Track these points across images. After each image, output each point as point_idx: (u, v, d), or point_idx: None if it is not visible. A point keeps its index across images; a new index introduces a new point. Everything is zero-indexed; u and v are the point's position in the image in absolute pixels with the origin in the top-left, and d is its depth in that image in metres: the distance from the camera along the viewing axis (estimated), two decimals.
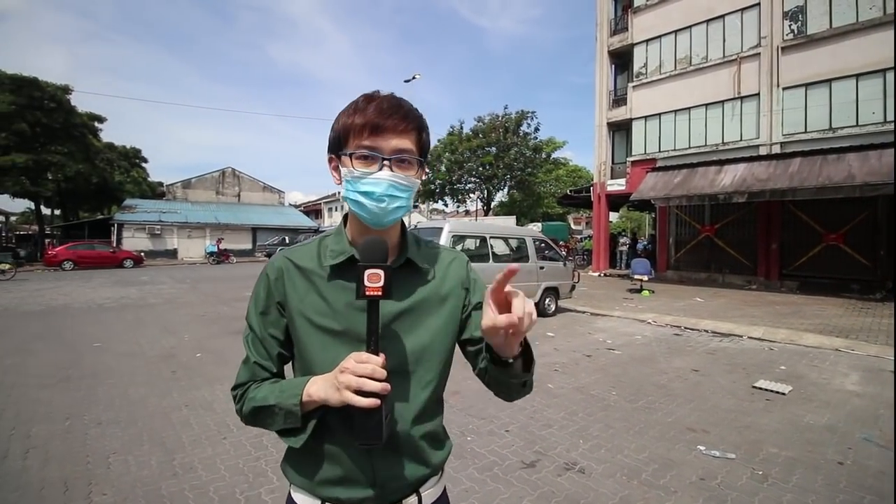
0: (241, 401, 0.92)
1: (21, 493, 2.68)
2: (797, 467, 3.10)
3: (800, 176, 12.21)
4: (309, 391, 0.84)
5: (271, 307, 0.94)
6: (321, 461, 0.91)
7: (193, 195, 36.70)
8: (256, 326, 0.95)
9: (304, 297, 0.92)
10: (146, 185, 38.27)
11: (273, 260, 0.98)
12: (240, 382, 0.94)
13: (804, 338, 7.26)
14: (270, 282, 0.95)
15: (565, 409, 4.20)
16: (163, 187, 39.01)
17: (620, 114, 18.27)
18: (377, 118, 0.86)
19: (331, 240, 0.98)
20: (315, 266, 0.94)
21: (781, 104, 13.88)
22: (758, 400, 4.50)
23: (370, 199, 0.87)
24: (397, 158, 0.88)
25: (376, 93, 0.92)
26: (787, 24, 13.83)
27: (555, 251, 10.01)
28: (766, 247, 14.53)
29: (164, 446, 3.30)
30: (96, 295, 12.03)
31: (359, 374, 0.76)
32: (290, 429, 0.88)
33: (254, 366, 0.94)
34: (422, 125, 0.93)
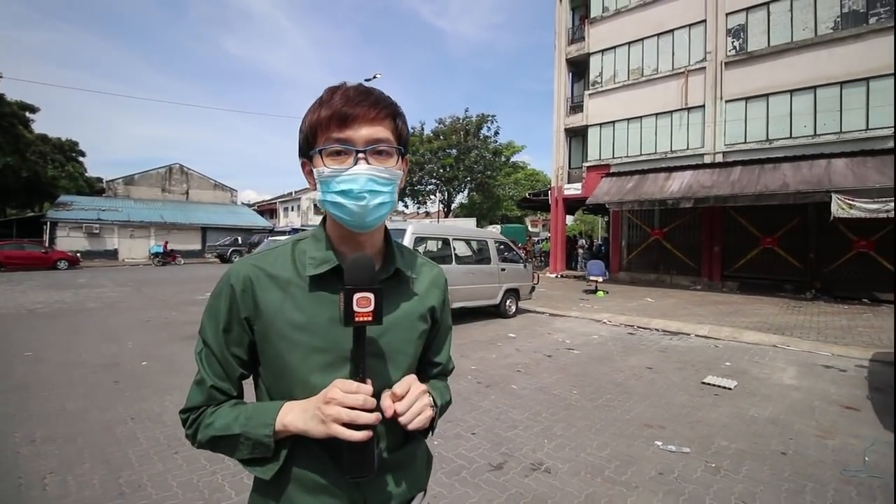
0: (193, 426, 0.83)
1: None
2: (746, 459, 3.29)
3: (740, 183, 13.06)
4: (284, 421, 0.77)
5: (234, 323, 0.83)
6: (299, 491, 0.82)
7: (137, 192, 34.52)
8: (215, 344, 0.84)
9: (280, 310, 0.82)
10: (83, 180, 35.63)
11: (237, 269, 0.85)
12: (191, 406, 0.83)
13: (745, 335, 7.75)
14: (236, 294, 0.83)
15: (529, 409, 4.26)
16: (102, 183, 36.46)
17: (577, 120, 18.87)
18: (344, 107, 0.78)
19: (308, 245, 0.88)
20: (292, 275, 0.84)
21: (724, 116, 14.80)
22: (707, 395, 4.75)
23: (349, 198, 0.78)
24: (373, 149, 0.80)
25: (342, 83, 0.84)
26: (730, 40, 14.78)
27: (515, 253, 10.18)
28: (709, 249, 15.42)
29: (109, 464, 3.06)
30: (26, 299, 11.05)
31: (348, 406, 0.71)
32: (257, 459, 0.80)
33: (210, 389, 0.83)
34: (396, 112, 0.84)
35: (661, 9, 16.26)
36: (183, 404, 0.86)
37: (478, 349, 6.69)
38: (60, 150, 33.26)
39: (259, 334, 0.84)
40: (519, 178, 38.98)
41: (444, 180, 30.38)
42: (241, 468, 0.88)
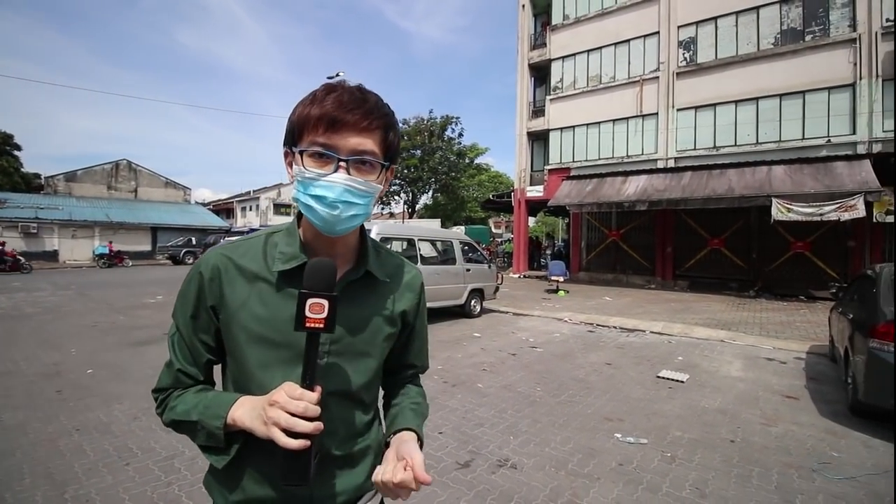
0: (161, 406, 0.86)
1: None
2: (698, 448, 3.48)
3: (690, 188, 13.77)
4: (234, 415, 0.77)
5: (202, 310, 0.84)
6: (251, 480, 0.83)
7: (79, 189, 32.36)
8: (184, 329, 0.86)
9: (245, 302, 0.82)
10: (19, 176, 33.09)
11: (208, 257, 0.86)
12: (161, 387, 0.86)
13: (695, 331, 8.18)
14: (204, 282, 0.84)
15: (495, 407, 4.32)
16: (40, 179, 33.93)
17: (539, 124, 19.31)
18: (335, 111, 0.76)
19: (281, 239, 0.88)
20: (261, 268, 0.84)
21: (675, 123, 15.56)
22: (662, 388, 4.98)
23: (322, 205, 0.78)
24: (356, 160, 0.78)
25: (341, 83, 0.81)
26: (682, 52, 15.56)
27: (479, 253, 10.29)
28: (662, 250, 16.16)
29: (52, 478, 2.86)
30: None
31: (290, 412, 0.69)
32: (212, 447, 0.82)
33: (177, 372, 0.85)
34: (389, 123, 0.83)
35: (618, 19, 16.92)
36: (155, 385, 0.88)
37: (444, 349, 6.71)
38: None
39: (223, 323, 0.84)
40: (483, 180, 39.40)
41: (409, 181, 30.31)
42: (199, 479, 0.86)
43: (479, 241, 19.39)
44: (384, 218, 36.15)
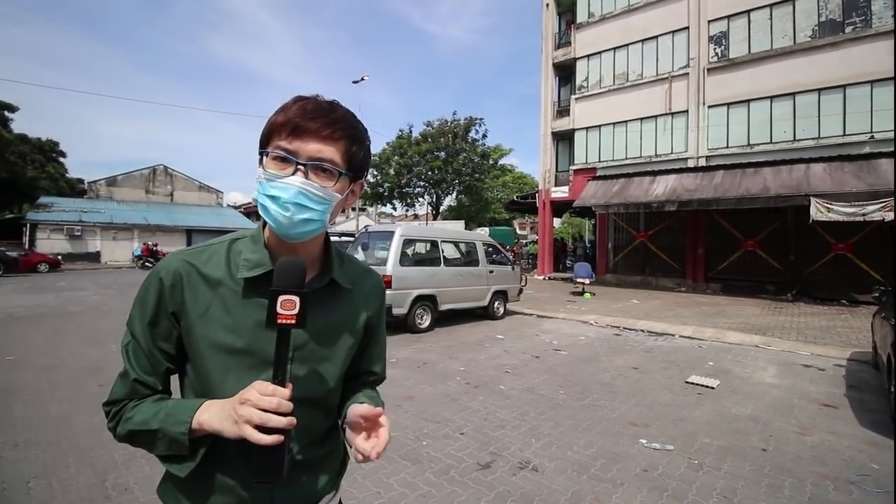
0: (114, 419, 0.82)
1: None
2: (727, 455, 3.38)
3: (722, 187, 13.35)
4: (200, 419, 0.76)
5: (162, 317, 0.83)
6: (211, 488, 0.83)
7: (120, 194, 33.94)
8: (141, 337, 0.83)
9: (207, 310, 0.82)
10: (64, 181, 34.87)
11: (168, 262, 0.85)
12: (114, 399, 0.82)
13: (728, 335, 7.92)
14: (165, 288, 0.83)
15: (517, 409, 4.31)
16: (84, 184, 35.74)
17: (564, 124, 19.10)
18: (298, 119, 0.79)
19: (245, 246, 0.87)
20: (224, 276, 0.84)
21: (707, 121, 15.12)
22: (690, 394, 4.85)
23: (275, 204, 0.78)
24: (314, 165, 0.79)
25: (315, 96, 0.84)
26: (713, 47, 15.11)
27: (503, 255, 10.25)
28: (693, 252, 15.71)
29: (94, 467, 3.03)
30: (7, 302, 10.79)
31: (262, 408, 0.69)
32: (174, 455, 0.80)
33: (134, 382, 0.82)
34: (355, 136, 0.84)
35: (645, 15, 16.57)
36: None
37: (466, 350, 6.73)
38: (40, 151, 32.53)
39: (184, 330, 0.83)
40: (507, 181, 39.22)
41: (433, 183, 30.43)
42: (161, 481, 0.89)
43: (503, 243, 19.34)
44: (408, 220, 36.47)
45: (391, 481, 2.93)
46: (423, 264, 8.41)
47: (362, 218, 33.00)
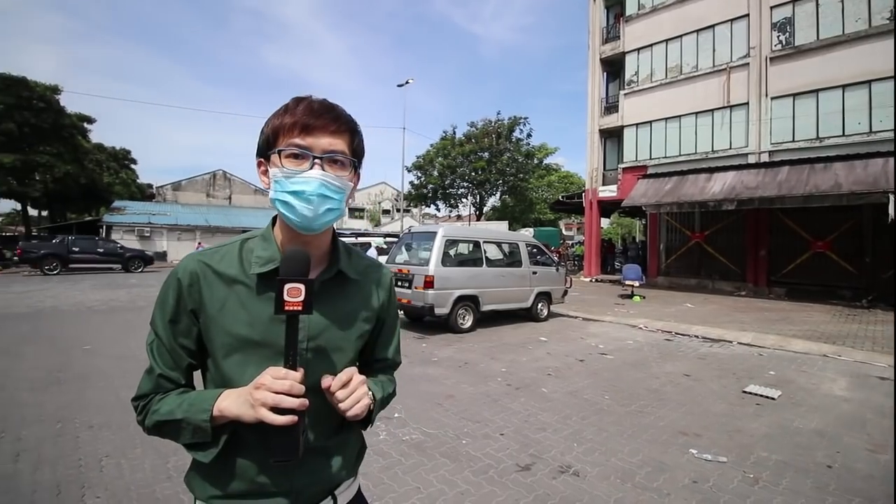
0: (142, 412, 0.87)
1: (13, 497, 2.64)
2: (787, 470, 3.16)
3: (788, 184, 12.44)
4: (220, 406, 0.81)
5: (182, 315, 0.88)
6: (233, 474, 0.87)
7: (183, 197, 36.40)
8: (164, 335, 0.88)
9: (224, 305, 0.87)
10: (135, 186, 37.86)
11: (185, 263, 0.90)
12: (142, 394, 0.88)
13: (792, 343, 7.38)
14: (183, 288, 0.87)
15: (559, 412, 4.23)
16: (152, 189, 38.65)
17: (612, 121, 18.50)
18: (307, 118, 0.84)
19: (257, 244, 0.92)
20: (238, 273, 0.89)
21: (769, 113, 14.15)
22: (748, 404, 4.57)
23: (299, 199, 0.83)
24: (330, 157, 0.85)
25: (308, 96, 0.89)
26: (776, 35, 14.13)
27: (547, 256, 10.08)
28: (754, 254, 14.74)
29: (158, 450, 3.27)
30: (84, 297, 11.86)
31: (275, 391, 0.74)
32: (199, 443, 0.84)
33: (159, 378, 0.87)
34: (354, 128, 0.91)
35: (700, 4, 15.76)
36: None
37: (508, 352, 6.67)
38: (115, 158, 35.46)
39: (203, 326, 0.88)
40: (552, 181, 38.50)
41: (476, 183, 30.38)
42: (188, 469, 0.94)
43: (548, 244, 18.99)
44: (451, 220, 36.64)
45: (430, 477, 2.97)
46: (465, 265, 8.42)
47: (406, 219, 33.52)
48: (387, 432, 3.69)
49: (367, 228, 39.02)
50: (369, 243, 14.87)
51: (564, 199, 22.72)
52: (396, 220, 41.12)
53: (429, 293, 7.59)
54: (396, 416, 4.03)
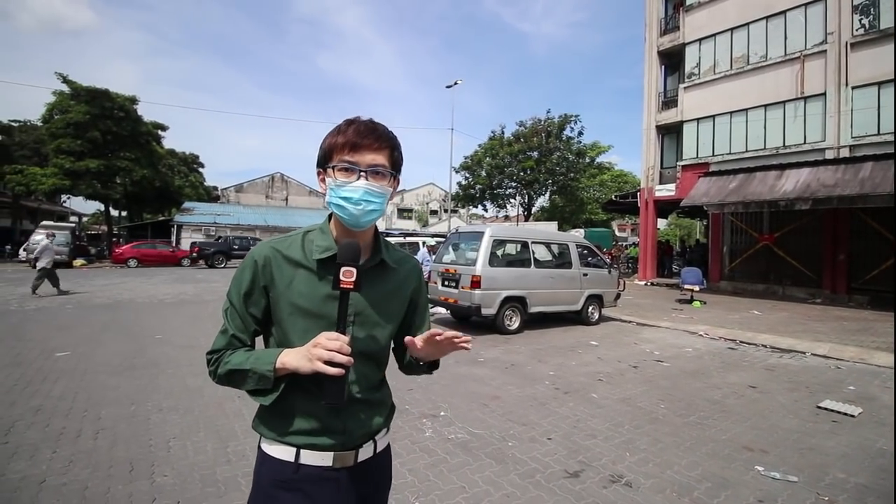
0: (215, 364, 1.07)
1: (92, 471, 2.89)
2: (868, 495, 2.86)
3: (872, 182, 11.30)
4: (283, 360, 1.00)
5: (255, 289, 1.09)
6: (294, 416, 1.07)
7: (245, 199, 38.57)
8: (238, 304, 1.09)
9: (290, 283, 1.08)
10: (202, 189, 40.53)
11: (260, 249, 1.12)
12: (216, 349, 1.08)
13: (876, 357, 6.69)
14: (259, 267, 1.08)
15: (610, 420, 4.07)
16: (217, 191, 41.25)
17: (670, 116, 17.62)
18: (355, 138, 1.05)
19: (316, 236, 1.13)
20: (302, 258, 1.10)
21: (850, 104, 12.93)
22: (823, 421, 4.19)
23: (349, 203, 1.04)
24: (372, 171, 1.06)
25: (357, 118, 1.10)
26: (857, 18, 12.90)
27: (599, 258, 9.74)
28: (832, 258, 13.52)
29: (219, 434, 3.47)
30: (157, 291, 12.84)
31: (330, 349, 0.93)
32: (261, 390, 1.04)
33: (231, 337, 1.09)
34: (394, 144, 1.10)
35: None
36: None
37: (556, 355, 6.51)
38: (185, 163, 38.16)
39: (273, 300, 1.09)
40: (605, 180, 37.22)
41: (525, 183, 29.92)
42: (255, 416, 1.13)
43: (601, 246, 18.35)
44: (499, 221, 36.32)
45: (476, 478, 2.94)
46: (513, 265, 8.31)
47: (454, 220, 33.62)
48: (432, 430, 3.70)
49: (415, 229, 39.52)
50: (417, 243, 15.04)
51: (618, 198, 21.89)
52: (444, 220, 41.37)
53: (475, 293, 7.56)
54: (442, 415, 4.04)
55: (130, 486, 2.74)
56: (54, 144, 23.07)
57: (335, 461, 1.08)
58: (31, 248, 19.81)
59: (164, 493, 2.67)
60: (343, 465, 1.09)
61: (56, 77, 23.15)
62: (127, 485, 2.74)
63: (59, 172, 22.87)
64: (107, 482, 2.77)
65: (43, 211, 36.87)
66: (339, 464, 1.08)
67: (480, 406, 4.32)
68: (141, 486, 2.73)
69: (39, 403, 4.03)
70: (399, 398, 4.37)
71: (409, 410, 4.13)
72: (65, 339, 6.60)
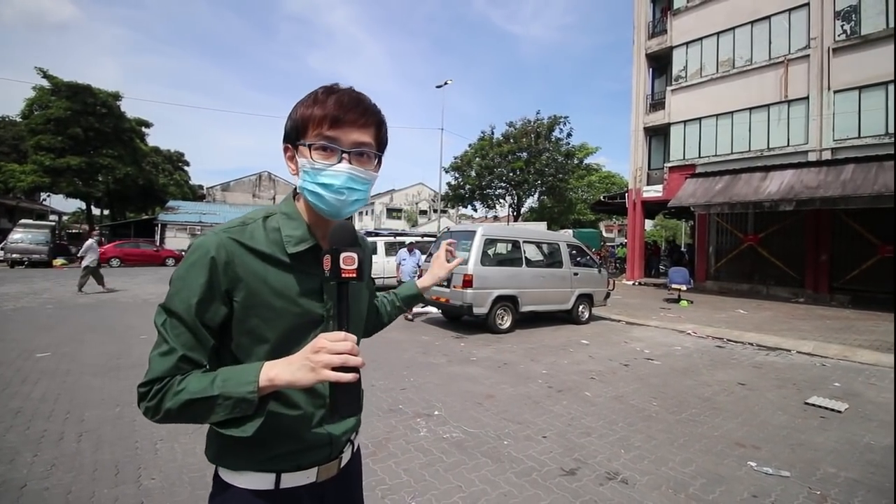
0: (158, 396, 0.79)
1: (75, 474, 2.80)
2: (859, 489, 2.90)
3: (853, 183, 11.56)
4: (269, 375, 0.78)
5: (215, 295, 0.84)
6: (276, 439, 0.89)
7: (231, 198, 38.05)
8: (187, 315, 0.83)
9: (264, 281, 0.87)
10: (188, 187, 39.94)
11: (214, 241, 0.86)
12: (156, 377, 0.80)
13: (859, 354, 6.83)
14: (218, 266, 0.84)
15: (604, 417, 4.07)
16: (203, 190, 40.65)
17: (658, 118, 17.83)
18: (337, 111, 0.86)
19: (282, 223, 0.92)
20: (271, 250, 0.89)
21: (832, 108, 13.21)
22: (811, 417, 4.25)
23: (329, 192, 0.87)
24: (356, 152, 0.88)
25: (336, 85, 0.91)
26: (839, 24, 13.19)
27: (589, 257, 9.80)
28: (814, 258, 13.80)
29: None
30: (141, 290, 12.58)
31: (339, 352, 0.75)
32: (234, 418, 0.81)
33: (180, 359, 0.81)
34: (380, 120, 0.93)
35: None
36: None
37: (548, 354, 6.52)
38: (169, 161, 37.54)
39: (241, 304, 0.86)
40: (593, 181, 37.55)
41: (514, 184, 30.03)
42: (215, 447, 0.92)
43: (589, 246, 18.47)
44: (488, 221, 36.42)
45: (472, 477, 2.91)
46: (504, 264, 8.32)
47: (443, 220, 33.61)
48: (427, 429, 3.66)
49: (404, 229, 39.43)
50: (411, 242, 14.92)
51: (606, 199, 22.08)
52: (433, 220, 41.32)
53: (467, 292, 7.54)
54: (436, 414, 4.01)
55: (116, 489, 2.65)
56: (34, 141, 22.51)
57: (319, 475, 0.95)
58: (10, 246, 19.32)
59: (152, 496, 2.59)
60: (328, 476, 0.98)
61: (36, 72, 22.60)
62: (112, 488, 2.66)
63: (38, 170, 22.33)
64: (91, 486, 2.68)
65: (21, 209, 35.89)
66: (323, 476, 0.96)
67: (475, 405, 4.29)
68: (127, 490, 2.65)
69: (19, 405, 3.90)
70: (392, 397, 4.36)
71: (403, 410, 4.09)
72: (46, 339, 6.41)
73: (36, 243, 19.75)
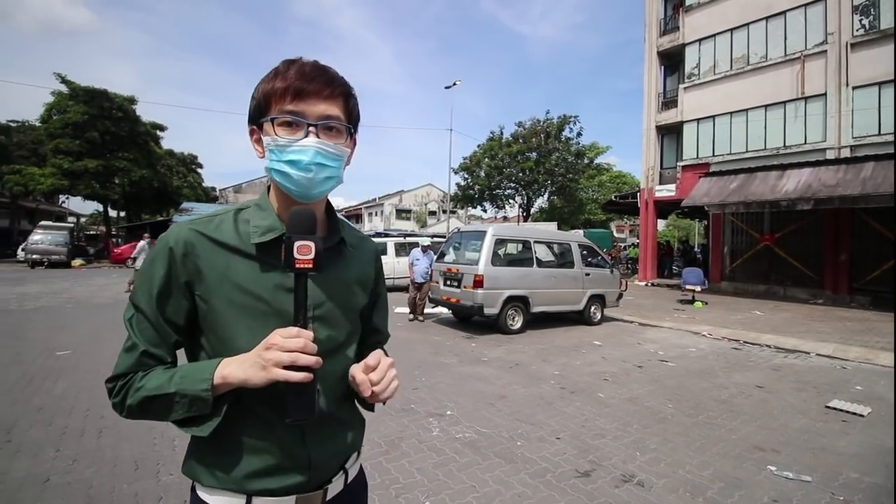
0: (121, 393, 0.79)
1: (96, 469, 2.85)
2: (883, 495, 2.82)
3: (873, 181, 11.30)
4: (223, 373, 0.75)
5: (173, 287, 0.81)
6: (241, 452, 0.82)
7: (243, 199, 38.28)
8: (149, 309, 0.81)
9: (225, 274, 0.82)
10: (201, 189, 40.38)
11: (176, 232, 0.83)
12: (121, 373, 0.79)
13: (881, 357, 6.67)
14: (176, 258, 0.81)
15: (618, 419, 4.03)
16: (216, 192, 41.16)
17: (670, 116, 17.62)
18: (300, 82, 0.80)
19: (252, 214, 0.88)
20: (237, 242, 0.84)
21: (851, 104, 12.94)
22: (833, 421, 4.16)
23: (296, 169, 0.80)
24: (324, 125, 0.82)
25: (298, 58, 0.85)
26: (857, 18, 12.92)
27: (601, 257, 9.72)
28: (833, 258, 13.52)
29: None
30: None
31: (289, 349, 0.71)
32: (193, 418, 0.78)
33: (142, 354, 0.80)
34: (348, 92, 0.86)
35: None
36: None
37: (560, 354, 6.48)
38: (183, 163, 38.02)
39: (202, 299, 0.82)
40: (604, 181, 37.26)
41: (524, 184, 29.91)
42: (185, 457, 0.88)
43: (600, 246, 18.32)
44: (498, 222, 36.33)
45: (486, 477, 2.90)
46: (515, 265, 8.28)
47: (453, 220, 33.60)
48: (440, 429, 3.66)
49: (413, 230, 39.48)
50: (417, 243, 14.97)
51: (618, 198, 21.89)
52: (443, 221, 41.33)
53: (478, 293, 7.52)
54: (449, 414, 4.00)
55: (136, 484, 2.69)
56: (52, 144, 22.97)
57: None
58: (30, 247, 19.76)
59: (171, 491, 2.63)
60: None
61: (54, 77, 23.07)
62: (132, 483, 2.70)
63: (57, 172, 22.77)
64: (112, 480, 2.72)
65: (41, 211, 36.72)
66: None
67: (487, 405, 4.28)
68: (147, 485, 2.68)
69: (41, 402, 3.98)
70: (404, 397, 4.36)
71: (416, 409, 4.09)
72: (66, 337, 6.54)
73: (55, 244, 20.19)
